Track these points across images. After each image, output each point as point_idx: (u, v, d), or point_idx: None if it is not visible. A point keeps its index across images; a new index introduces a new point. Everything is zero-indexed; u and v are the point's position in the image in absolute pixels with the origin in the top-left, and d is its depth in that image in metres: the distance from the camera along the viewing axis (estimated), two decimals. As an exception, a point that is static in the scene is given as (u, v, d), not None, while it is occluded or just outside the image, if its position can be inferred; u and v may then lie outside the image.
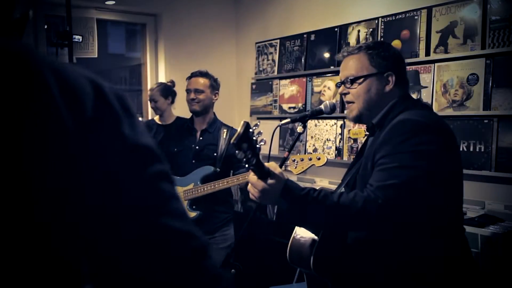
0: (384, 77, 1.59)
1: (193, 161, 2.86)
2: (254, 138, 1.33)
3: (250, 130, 1.31)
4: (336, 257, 1.56)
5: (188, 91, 2.96)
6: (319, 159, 2.43)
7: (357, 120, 1.68)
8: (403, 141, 1.40)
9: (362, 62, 1.61)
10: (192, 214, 2.76)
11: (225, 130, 2.90)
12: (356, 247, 1.53)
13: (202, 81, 2.93)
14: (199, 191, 2.73)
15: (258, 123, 2.29)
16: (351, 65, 1.63)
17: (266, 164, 1.44)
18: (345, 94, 1.65)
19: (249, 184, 1.47)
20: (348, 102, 1.66)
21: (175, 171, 2.88)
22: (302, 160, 2.42)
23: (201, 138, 2.91)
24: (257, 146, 1.36)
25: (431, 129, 1.43)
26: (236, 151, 1.31)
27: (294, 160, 2.41)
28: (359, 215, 1.37)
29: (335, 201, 1.39)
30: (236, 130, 3.18)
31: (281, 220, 1.53)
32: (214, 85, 2.96)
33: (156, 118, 3.72)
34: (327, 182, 3.67)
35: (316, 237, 1.58)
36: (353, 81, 1.62)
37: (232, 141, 1.29)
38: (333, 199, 1.39)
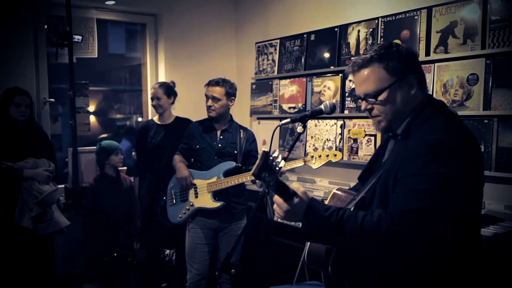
0: (405, 81, 1.52)
1: (215, 157, 3.11)
2: (274, 164, 1.34)
3: (270, 158, 1.32)
4: (354, 261, 1.56)
5: (206, 97, 3.14)
6: (335, 155, 2.77)
7: (387, 131, 1.62)
8: (425, 163, 1.38)
9: (379, 74, 1.52)
10: (216, 204, 3.02)
11: (241, 131, 3.20)
12: (375, 252, 1.54)
13: (218, 89, 3.10)
14: (222, 184, 3.00)
15: (277, 150, 2.39)
16: (368, 80, 1.54)
17: (290, 185, 1.46)
18: (369, 109, 1.58)
19: (275, 205, 1.49)
20: (374, 116, 1.59)
21: (199, 166, 3.16)
22: (320, 156, 2.76)
23: (221, 137, 3.15)
24: (277, 169, 1.36)
25: (454, 148, 1.40)
26: (256, 181, 1.34)
27: (312, 157, 2.76)
28: (383, 240, 1.39)
29: (359, 225, 1.40)
30: (250, 130, 3.34)
31: (304, 240, 1.52)
32: (230, 92, 3.14)
33: (155, 118, 3.72)
34: (327, 182, 3.67)
35: None
36: (376, 96, 1.54)
37: (252, 173, 1.31)
38: (357, 222, 1.40)
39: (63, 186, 3.84)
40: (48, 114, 3.94)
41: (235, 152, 3.11)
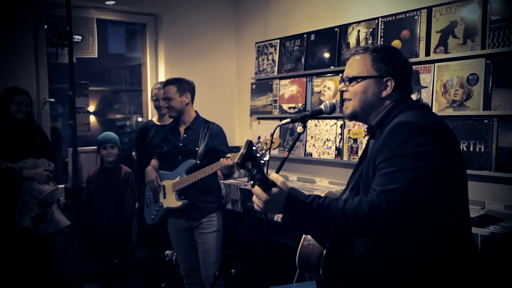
0: (383, 81, 1.61)
1: (179, 157, 3.12)
2: (258, 155, 1.34)
3: (254, 148, 1.31)
4: (345, 264, 1.56)
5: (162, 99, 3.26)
6: (269, 142, 2.62)
7: (351, 118, 1.70)
8: (401, 143, 1.41)
9: (365, 63, 1.62)
10: (179, 203, 3.06)
11: (206, 126, 3.15)
12: (364, 252, 1.53)
13: (169, 89, 3.11)
14: (184, 182, 3.03)
15: (261, 140, 2.40)
16: (354, 64, 1.65)
17: (269, 176, 1.44)
18: (344, 91, 1.68)
19: (254, 196, 1.47)
20: (346, 100, 1.69)
21: (168, 167, 3.18)
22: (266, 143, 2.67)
23: (185, 135, 3.15)
24: (261, 162, 1.36)
25: (429, 129, 1.43)
26: (240, 170, 1.32)
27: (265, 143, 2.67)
28: (365, 221, 1.37)
29: (341, 208, 1.39)
30: (215, 125, 3.33)
31: (287, 228, 1.50)
32: (182, 88, 3.10)
33: (155, 119, 3.71)
34: (327, 182, 3.67)
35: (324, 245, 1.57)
36: (352, 79, 1.64)
37: (235, 161, 1.31)
38: (338, 206, 1.39)
39: (63, 186, 3.84)
40: (48, 114, 3.94)
41: (196, 149, 3.08)
